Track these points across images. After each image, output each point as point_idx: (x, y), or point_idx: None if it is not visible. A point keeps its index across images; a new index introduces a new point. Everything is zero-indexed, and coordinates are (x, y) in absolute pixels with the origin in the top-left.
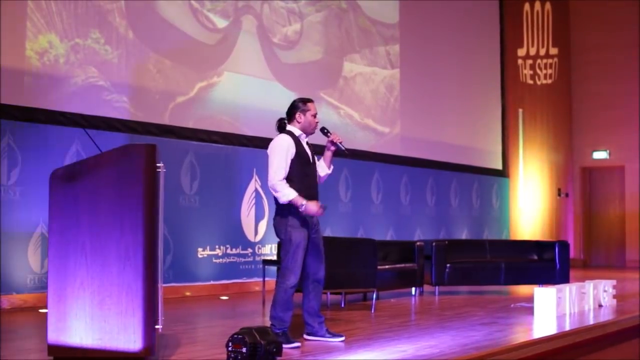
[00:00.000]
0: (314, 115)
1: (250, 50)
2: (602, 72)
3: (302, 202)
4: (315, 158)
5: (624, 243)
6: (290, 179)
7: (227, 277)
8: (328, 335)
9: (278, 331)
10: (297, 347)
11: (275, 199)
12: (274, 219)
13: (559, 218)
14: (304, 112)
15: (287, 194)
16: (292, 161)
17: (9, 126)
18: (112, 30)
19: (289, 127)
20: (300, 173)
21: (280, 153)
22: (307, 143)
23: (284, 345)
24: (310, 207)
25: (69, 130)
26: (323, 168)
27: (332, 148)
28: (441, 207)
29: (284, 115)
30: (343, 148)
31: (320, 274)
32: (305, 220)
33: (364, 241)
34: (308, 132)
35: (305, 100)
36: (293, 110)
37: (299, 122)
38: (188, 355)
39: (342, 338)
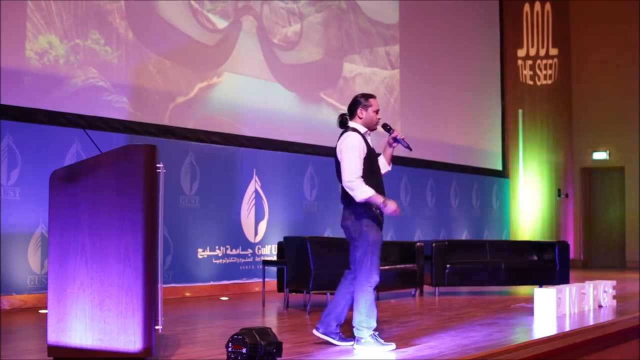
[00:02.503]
0: (376, 112)
1: (250, 50)
2: (602, 72)
3: (382, 199)
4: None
5: (624, 244)
6: (362, 177)
7: (227, 278)
8: (338, 338)
9: (368, 337)
10: (394, 350)
11: (347, 200)
12: (346, 220)
13: (559, 219)
14: (366, 107)
15: (366, 190)
16: (364, 159)
17: (9, 126)
18: (112, 31)
19: (351, 124)
20: (369, 170)
21: (356, 151)
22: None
23: (382, 350)
24: (391, 205)
25: (69, 131)
26: (384, 165)
27: (394, 145)
28: (441, 208)
29: (286, 115)
30: (406, 144)
31: None
32: (379, 220)
33: None
34: (370, 128)
35: (367, 96)
36: (355, 106)
37: (360, 118)
38: (188, 355)
39: (351, 343)
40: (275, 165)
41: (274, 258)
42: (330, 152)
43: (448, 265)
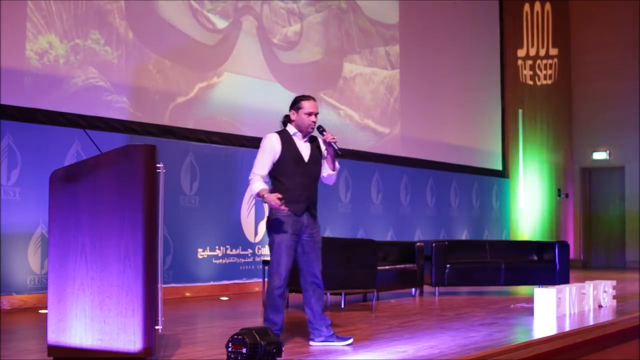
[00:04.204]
0: (309, 114)
1: (250, 50)
2: (602, 72)
3: (263, 193)
4: (321, 158)
5: (623, 244)
6: (276, 178)
7: (227, 278)
8: (335, 339)
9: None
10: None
11: None
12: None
13: (559, 219)
14: (297, 109)
15: (253, 187)
16: (280, 160)
17: (9, 126)
18: (112, 31)
19: (288, 125)
20: (289, 172)
21: (262, 151)
22: (312, 141)
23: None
24: (269, 197)
25: (69, 131)
26: (325, 169)
27: (328, 148)
28: (441, 208)
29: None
30: (336, 148)
31: (318, 276)
32: (289, 222)
33: (364, 242)
34: (302, 130)
35: (302, 98)
36: (290, 107)
37: (292, 120)
38: (188, 355)
39: (350, 341)
40: None
41: None
42: None
43: (448, 265)
